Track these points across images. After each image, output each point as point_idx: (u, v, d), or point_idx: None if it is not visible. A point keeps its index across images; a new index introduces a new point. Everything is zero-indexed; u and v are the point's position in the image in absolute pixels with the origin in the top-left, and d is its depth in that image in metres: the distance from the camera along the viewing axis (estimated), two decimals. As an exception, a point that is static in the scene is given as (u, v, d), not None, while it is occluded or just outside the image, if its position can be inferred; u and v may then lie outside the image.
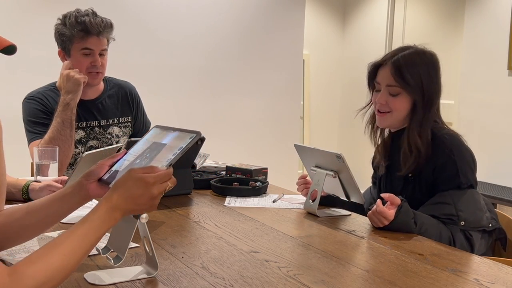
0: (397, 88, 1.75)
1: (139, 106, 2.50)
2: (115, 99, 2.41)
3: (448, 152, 1.69)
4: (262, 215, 1.77)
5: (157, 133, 1.25)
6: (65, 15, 2.23)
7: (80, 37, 2.19)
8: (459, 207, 1.64)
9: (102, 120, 2.35)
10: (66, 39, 2.21)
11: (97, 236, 1.00)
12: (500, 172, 4.39)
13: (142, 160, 1.16)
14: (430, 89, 1.75)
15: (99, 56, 2.24)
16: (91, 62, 2.23)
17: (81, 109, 2.29)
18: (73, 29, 2.18)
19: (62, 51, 2.27)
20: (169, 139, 1.18)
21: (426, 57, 1.78)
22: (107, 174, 1.18)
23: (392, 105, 1.77)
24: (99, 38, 2.22)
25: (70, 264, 0.95)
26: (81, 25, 2.17)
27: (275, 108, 4.66)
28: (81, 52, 2.21)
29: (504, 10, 4.70)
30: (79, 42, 2.20)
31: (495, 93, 4.81)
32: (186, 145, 1.11)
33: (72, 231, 0.98)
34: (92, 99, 2.35)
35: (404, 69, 1.74)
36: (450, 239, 1.61)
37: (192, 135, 1.13)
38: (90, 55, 2.22)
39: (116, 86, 2.44)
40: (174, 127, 1.21)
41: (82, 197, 1.17)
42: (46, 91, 2.32)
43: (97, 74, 2.26)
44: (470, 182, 1.69)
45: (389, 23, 5.13)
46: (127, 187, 1.03)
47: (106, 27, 2.22)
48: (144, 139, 1.26)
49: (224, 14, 4.34)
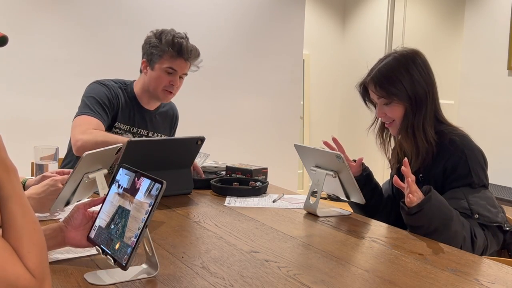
0: (386, 99, 1.79)
1: (176, 128, 2.63)
2: (164, 116, 2.51)
3: (459, 153, 1.68)
4: (262, 215, 1.77)
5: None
6: (162, 31, 2.31)
7: (171, 56, 2.27)
8: (471, 201, 1.63)
9: (151, 132, 2.43)
10: (156, 53, 2.28)
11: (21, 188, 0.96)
12: (500, 172, 4.39)
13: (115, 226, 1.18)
14: (416, 89, 1.75)
15: (179, 78, 2.33)
16: (170, 81, 2.31)
17: (139, 114, 2.38)
18: (167, 47, 2.26)
19: (146, 62, 2.33)
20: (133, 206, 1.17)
21: (404, 58, 1.77)
22: (93, 232, 1.23)
23: (389, 114, 1.80)
24: (186, 63, 2.31)
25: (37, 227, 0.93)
26: (177, 46, 2.26)
27: (275, 108, 4.66)
28: (165, 70, 2.29)
29: (504, 10, 4.70)
30: (168, 60, 2.27)
31: (495, 93, 4.81)
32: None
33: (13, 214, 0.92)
34: (150, 110, 2.43)
35: (383, 81, 1.77)
36: (472, 231, 1.59)
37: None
38: (171, 75, 2.30)
39: (168, 105, 2.54)
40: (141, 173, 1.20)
41: (58, 243, 1.23)
42: (115, 86, 2.35)
43: (170, 94, 2.35)
44: (482, 182, 1.68)
45: (389, 23, 5.13)
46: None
47: (195, 55, 2.32)
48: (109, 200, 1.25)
49: (224, 14, 4.34)
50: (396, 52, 1.81)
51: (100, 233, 1.21)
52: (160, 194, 1.09)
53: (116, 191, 1.24)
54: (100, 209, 1.25)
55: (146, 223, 1.09)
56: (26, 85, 3.63)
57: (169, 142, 2.08)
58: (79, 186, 1.54)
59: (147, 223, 1.09)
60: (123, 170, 1.26)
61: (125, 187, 1.21)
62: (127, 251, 1.10)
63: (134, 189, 1.18)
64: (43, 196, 1.55)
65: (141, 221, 1.10)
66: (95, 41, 3.83)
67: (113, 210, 1.21)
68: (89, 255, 1.28)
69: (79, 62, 3.73)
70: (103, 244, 1.18)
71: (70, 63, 3.71)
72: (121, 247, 1.12)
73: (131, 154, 1.79)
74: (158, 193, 1.10)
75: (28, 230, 0.90)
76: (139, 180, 1.18)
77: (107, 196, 1.26)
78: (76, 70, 3.72)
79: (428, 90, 1.77)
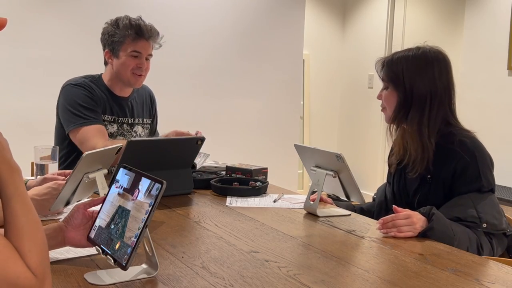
0: (384, 82, 1.81)
1: (156, 109, 2.63)
2: (141, 100, 2.52)
3: (469, 156, 1.67)
4: (262, 215, 1.77)
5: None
6: (118, 18, 2.34)
7: (132, 39, 2.29)
8: (479, 209, 1.61)
9: (131, 119, 2.44)
10: (117, 40, 2.30)
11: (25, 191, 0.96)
12: (500, 172, 4.38)
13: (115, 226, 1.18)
14: (416, 86, 1.74)
15: (145, 60, 2.35)
16: (137, 64, 2.32)
17: (116, 104, 2.39)
18: (126, 31, 2.29)
19: (109, 51, 2.35)
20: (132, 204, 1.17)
21: (422, 55, 1.77)
22: (93, 232, 1.23)
23: (384, 99, 1.82)
24: (149, 42, 2.33)
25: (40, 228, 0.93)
26: (135, 27, 2.29)
27: (275, 108, 4.66)
28: (129, 54, 2.31)
29: (504, 10, 4.70)
30: (130, 43, 2.30)
31: (495, 93, 4.81)
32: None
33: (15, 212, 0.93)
34: (125, 97, 2.44)
35: (389, 64, 1.79)
36: (478, 244, 1.58)
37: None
38: (137, 58, 2.32)
39: (141, 88, 2.53)
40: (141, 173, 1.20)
41: (58, 242, 1.23)
42: (88, 83, 2.36)
43: (140, 77, 2.36)
44: (491, 186, 1.68)
45: (389, 23, 5.12)
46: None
47: (155, 33, 2.34)
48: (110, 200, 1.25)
49: (224, 14, 4.34)
50: (420, 49, 1.79)
51: (100, 233, 1.21)
52: (160, 194, 1.09)
53: (116, 191, 1.24)
54: (100, 209, 1.25)
55: (146, 223, 1.09)
56: (26, 85, 3.64)
57: (169, 142, 2.08)
58: (79, 186, 1.54)
59: (147, 223, 1.09)
60: (123, 170, 1.26)
61: (125, 187, 1.21)
62: (127, 251, 1.10)
63: (134, 189, 1.18)
64: (45, 198, 1.55)
65: (141, 221, 1.10)
66: (95, 41, 3.82)
67: (113, 210, 1.21)
68: (89, 255, 1.28)
69: (79, 62, 3.73)
70: (103, 244, 1.18)
71: (70, 63, 3.71)
72: (121, 247, 1.12)
73: (131, 154, 1.79)
74: (158, 193, 1.10)
75: (30, 229, 0.90)
76: (139, 180, 1.18)
77: (107, 196, 1.26)
78: (76, 70, 3.70)
79: (435, 93, 1.73)
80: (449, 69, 1.78)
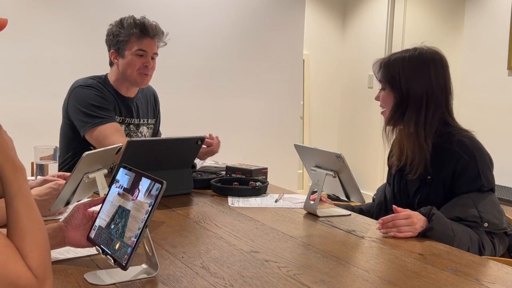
0: (381, 83, 1.81)
1: (159, 109, 2.63)
2: (146, 100, 2.52)
3: (469, 155, 1.67)
4: (262, 215, 1.77)
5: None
6: (122, 18, 2.34)
7: (137, 37, 2.29)
8: (480, 209, 1.61)
9: (137, 119, 2.45)
10: (122, 39, 2.30)
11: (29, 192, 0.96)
12: (500, 172, 4.38)
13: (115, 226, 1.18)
14: (412, 87, 1.73)
15: (151, 59, 2.34)
16: (143, 63, 2.32)
17: (123, 105, 2.39)
18: (131, 29, 2.28)
19: (115, 52, 2.35)
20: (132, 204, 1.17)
21: (416, 54, 1.77)
22: (93, 232, 1.23)
23: (382, 100, 1.82)
24: (154, 41, 2.33)
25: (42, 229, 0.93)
26: (140, 26, 2.29)
27: (275, 108, 4.66)
28: (135, 53, 2.30)
29: (504, 10, 4.70)
30: (135, 42, 2.29)
31: (495, 93, 4.81)
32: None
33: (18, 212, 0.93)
34: (131, 97, 2.44)
35: (387, 66, 1.79)
36: (479, 243, 1.58)
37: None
38: (143, 57, 2.31)
39: (145, 88, 2.53)
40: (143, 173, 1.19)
41: (58, 242, 1.23)
42: (96, 83, 2.35)
43: (146, 76, 2.36)
44: (491, 186, 1.68)
45: (389, 23, 5.12)
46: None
47: (160, 32, 2.34)
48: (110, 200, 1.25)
49: (224, 14, 4.34)
50: (416, 50, 1.79)
51: (100, 233, 1.21)
52: (160, 194, 1.09)
53: (116, 191, 1.24)
54: (100, 209, 1.25)
55: (146, 223, 1.09)
56: (26, 85, 3.64)
57: (169, 142, 2.08)
58: (79, 186, 1.54)
59: (147, 223, 1.09)
60: (123, 170, 1.26)
61: (125, 187, 1.21)
62: (127, 251, 1.10)
63: (134, 189, 1.18)
64: (45, 199, 1.55)
65: (141, 221, 1.10)
66: (95, 41, 3.82)
67: (113, 210, 1.21)
68: (89, 255, 1.28)
69: (79, 62, 3.73)
70: (103, 244, 1.18)
71: (70, 63, 3.71)
72: (121, 247, 1.12)
73: (131, 154, 1.79)
74: (158, 193, 1.10)
75: (32, 229, 0.90)
76: (139, 180, 1.18)
77: (107, 196, 1.26)
78: (76, 70, 3.70)
79: (432, 93, 1.73)
80: (445, 69, 1.78)
